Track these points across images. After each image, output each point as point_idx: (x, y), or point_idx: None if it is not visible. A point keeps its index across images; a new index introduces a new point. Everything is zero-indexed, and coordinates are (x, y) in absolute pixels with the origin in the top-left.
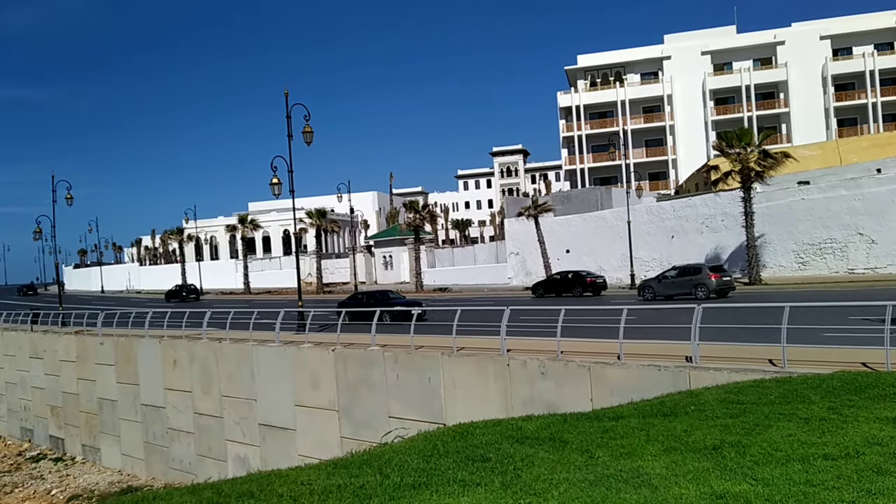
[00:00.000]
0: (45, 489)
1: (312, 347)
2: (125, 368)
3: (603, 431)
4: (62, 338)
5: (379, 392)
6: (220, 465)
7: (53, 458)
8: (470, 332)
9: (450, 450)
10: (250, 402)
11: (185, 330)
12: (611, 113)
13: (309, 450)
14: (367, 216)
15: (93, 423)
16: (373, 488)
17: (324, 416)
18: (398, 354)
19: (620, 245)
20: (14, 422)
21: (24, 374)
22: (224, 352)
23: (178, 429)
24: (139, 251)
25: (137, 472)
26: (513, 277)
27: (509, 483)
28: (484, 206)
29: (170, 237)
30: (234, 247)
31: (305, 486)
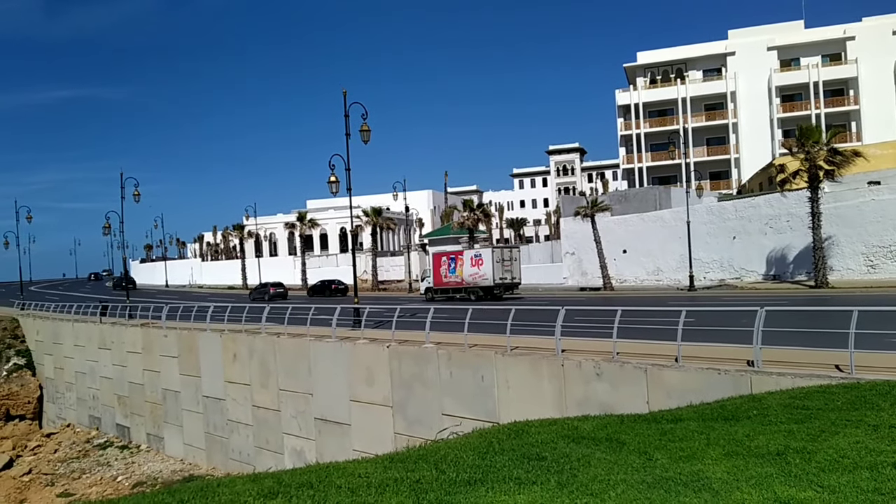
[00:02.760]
0: (112, 476)
1: (368, 344)
2: (188, 360)
3: (661, 434)
4: (129, 330)
5: (432, 389)
6: (277, 457)
7: (120, 445)
8: (524, 331)
9: (505, 448)
10: (307, 396)
11: (244, 324)
12: (671, 111)
13: (363, 444)
14: (422, 214)
15: (157, 413)
16: (429, 483)
17: (378, 411)
18: (452, 352)
19: (679, 246)
20: (83, 410)
21: (94, 364)
22: (282, 346)
23: (237, 421)
24: (201, 247)
25: (199, 462)
26: (568, 277)
27: (565, 482)
28: (539, 205)
29: (231, 234)
30: (293, 244)
31: (363, 479)
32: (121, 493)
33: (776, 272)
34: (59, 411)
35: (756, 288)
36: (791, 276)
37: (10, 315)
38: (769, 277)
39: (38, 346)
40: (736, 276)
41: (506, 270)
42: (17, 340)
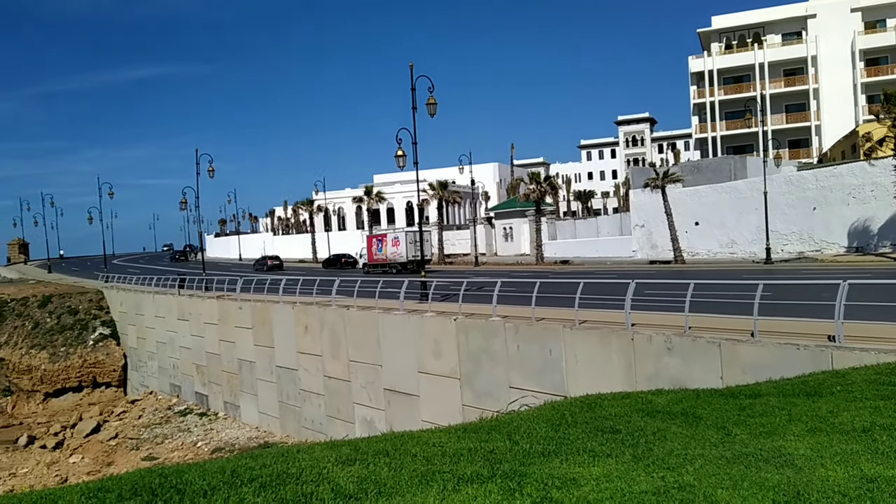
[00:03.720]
0: (192, 441)
1: (435, 316)
2: (262, 332)
3: (740, 409)
4: (205, 302)
5: (500, 362)
6: (347, 426)
7: (199, 413)
8: (592, 305)
9: (578, 420)
10: (376, 367)
11: (315, 297)
12: (747, 77)
13: (431, 415)
14: (488, 188)
15: (233, 382)
16: (503, 453)
17: (446, 383)
18: (519, 325)
19: (755, 217)
20: (164, 378)
21: (173, 334)
22: (352, 319)
23: (309, 390)
24: (273, 221)
25: (273, 430)
26: (637, 250)
27: (641, 456)
28: (608, 177)
29: (301, 208)
30: (360, 218)
31: (437, 448)
32: (200, 457)
33: (859, 244)
34: (143, 379)
35: (837, 260)
36: (875, 248)
37: (96, 287)
38: (851, 250)
39: (121, 317)
40: (816, 248)
41: (417, 250)
42: (102, 311)
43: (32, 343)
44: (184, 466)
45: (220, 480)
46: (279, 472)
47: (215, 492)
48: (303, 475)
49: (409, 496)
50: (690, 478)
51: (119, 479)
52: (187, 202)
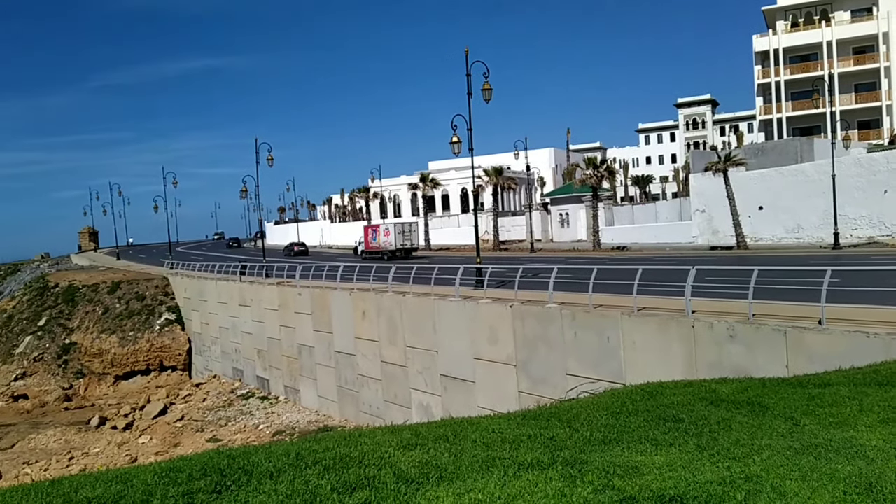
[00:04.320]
0: (254, 424)
1: (491, 303)
2: (320, 317)
3: (808, 399)
4: (266, 288)
5: (556, 349)
6: (404, 411)
7: (260, 396)
8: (651, 292)
9: (639, 408)
10: (432, 353)
11: (372, 283)
12: (814, 55)
13: (487, 402)
14: (544, 173)
15: (293, 367)
16: (563, 441)
17: (502, 370)
18: (576, 312)
19: (822, 201)
20: (227, 363)
21: (235, 320)
22: (408, 305)
23: (367, 375)
24: (330, 209)
25: (332, 414)
26: (697, 236)
27: (705, 445)
28: (666, 161)
29: (357, 195)
30: (416, 204)
31: (497, 434)
32: (262, 440)
33: None
34: (206, 363)
35: None
36: None
37: (161, 274)
38: None
39: (185, 303)
40: (887, 233)
41: (406, 239)
42: (167, 297)
43: (103, 328)
44: (250, 448)
45: (286, 462)
46: (342, 455)
47: (281, 473)
48: (365, 458)
49: (469, 481)
50: (757, 468)
51: (189, 459)
52: (248, 191)
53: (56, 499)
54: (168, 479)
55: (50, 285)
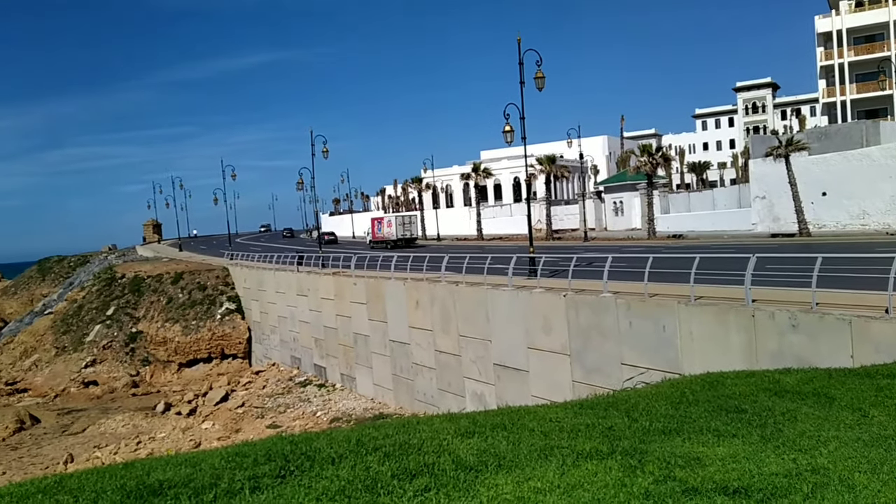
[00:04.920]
0: (312, 411)
1: (544, 292)
2: (375, 307)
3: (877, 389)
4: (322, 278)
5: (611, 338)
6: (458, 399)
7: (317, 384)
8: (709, 280)
9: (699, 398)
10: (485, 342)
11: (425, 273)
12: (881, 35)
13: (541, 391)
14: (597, 161)
15: (349, 355)
16: (621, 430)
17: (555, 359)
18: (631, 301)
19: (890, 186)
20: (286, 351)
21: (293, 309)
22: (461, 294)
23: (421, 364)
24: (383, 199)
25: (387, 401)
26: (757, 223)
27: (769, 437)
28: (724, 147)
29: (409, 186)
30: (468, 194)
31: (555, 423)
32: (320, 426)
33: None
34: (266, 351)
35: None
36: None
37: (222, 265)
38: None
39: (245, 293)
40: None
41: (406, 230)
42: (228, 287)
43: (167, 317)
44: (312, 435)
45: (347, 449)
46: (401, 442)
47: (343, 459)
48: (424, 446)
49: (528, 469)
50: (824, 460)
51: (254, 444)
52: (303, 182)
53: (130, 481)
54: (234, 464)
55: (117, 276)
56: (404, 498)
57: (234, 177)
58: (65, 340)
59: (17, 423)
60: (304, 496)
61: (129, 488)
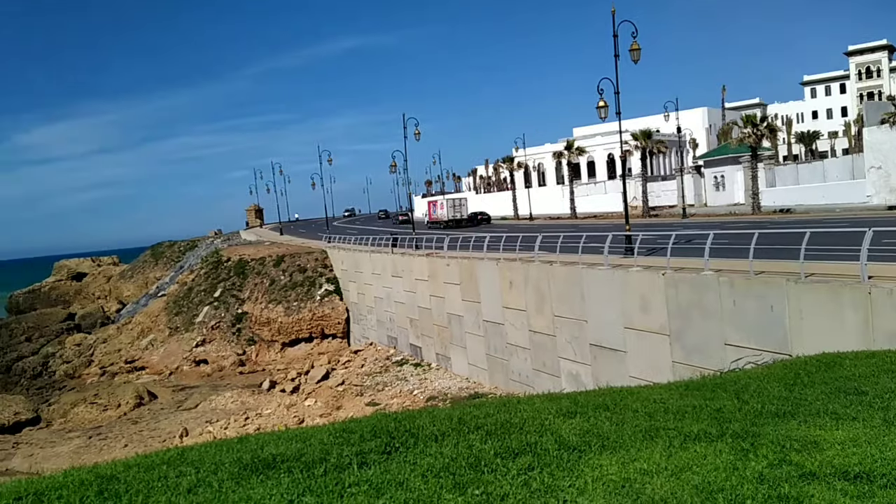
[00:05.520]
0: (409, 389)
1: (641, 271)
2: (468, 287)
3: None
4: (416, 259)
5: (713, 318)
6: (554, 379)
7: (413, 363)
8: (819, 256)
9: (815, 380)
10: (581, 322)
11: (519, 253)
12: None
13: (639, 371)
14: (696, 134)
15: (444, 335)
16: (731, 412)
17: (654, 339)
18: (734, 279)
19: None
20: (382, 331)
21: (389, 290)
22: (555, 274)
23: (515, 344)
24: (475, 180)
25: (482, 381)
26: (872, 195)
27: (893, 420)
28: (835, 115)
29: (501, 166)
30: (560, 173)
31: (659, 404)
32: (417, 405)
33: None
34: (363, 331)
35: None
36: None
37: (320, 247)
38: None
39: (342, 275)
40: None
41: (456, 212)
42: (326, 269)
43: (270, 298)
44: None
45: (449, 427)
46: (503, 421)
47: (445, 437)
48: (525, 425)
49: (633, 451)
50: None
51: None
52: (396, 165)
53: (245, 454)
54: (342, 440)
55: (223, 259)
56: (508, 476)
57: (331, 161)
58: (177, 321)
59: (136, 398)
60: (410, 472)
61: (244, 461)
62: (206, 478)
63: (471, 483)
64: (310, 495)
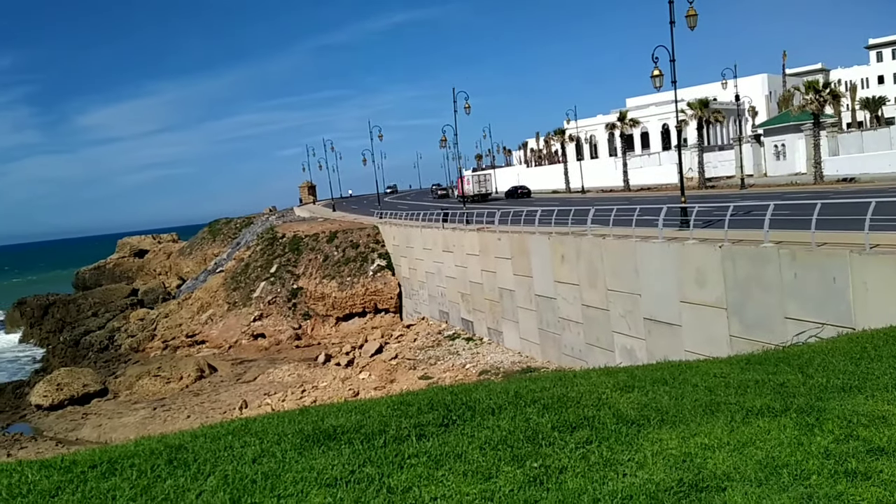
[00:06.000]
0: (461, 363)
1: (697, 244)
2: (520, 262)
3: None
4: (467, 234)
5: (772, 291)
6: (607, 354)
7: (465, 337)
8: (886, 227)
9: (882, 354)
10: (634, 296)
11: (571, 227)
12: None
13: (695, 345)
14: (755, 102)
15: (495, 310)
16: (795, 387)
17: (710, 313)
18: (795, 251)
19: None
20: (434, 305)
21: (440, 265)
22: (608, 247)
23: (567, 318)
24: (525, 153)
25: (534, 355)
26: None
27: None
28: None
29: (552, 138)
30: (613, 145)
31: (720, 379)
32: (469, 379)
33: None
34: (415, 306)
35: None
36: None
37: (372, 223)
38: None
39: (394, 250)
40: None
41: (481, 187)
42: (378, 245)
43: (324, 274)
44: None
45: (505, 400)
46: (559, 395)
47: (502, 410)
48: (583, 399)
49: (693, 425)
50: None
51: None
52: (446, 139)
53: (307, 425)
54: (399, 412)
55: (278, 236)
56: (566, 449)
57: (381, 137)
58: (235, 296)
59: (197, 371)
60: (468, 444)
61: (306, 432)
62: (270, 448)
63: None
64: (370, 466)
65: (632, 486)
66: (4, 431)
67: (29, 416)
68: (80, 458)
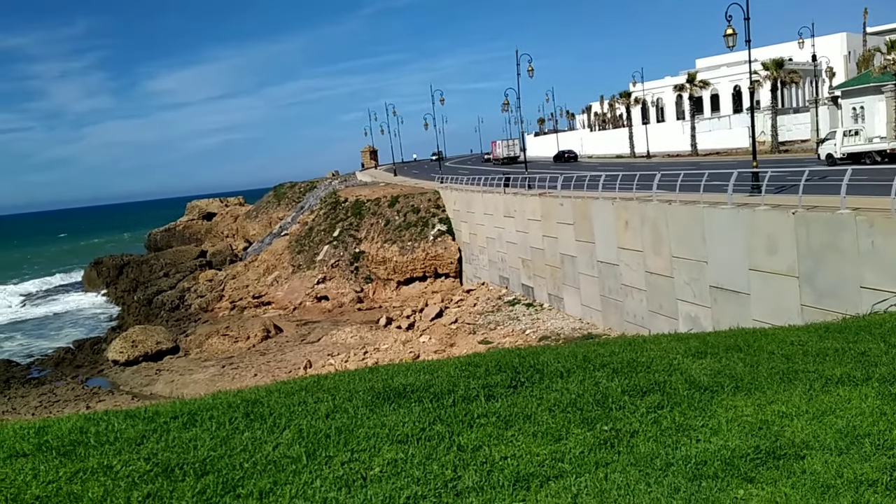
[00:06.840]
0: (521, 329)
1: (769, 210)
2: (582, 227)
3: None
4: (529, 199)
5: (848, 259)
6: (671, 321)
7: (525, 303)
8: None
9: None
10: (700, 263)
11: (635, 192)
12: None
13: (763, 314)
14: (834, 63)
15: (556, 276)
16: (877, 356)
17: (781, 281)
18: (874, 218)
19: None
20: (494, 271)
21: (500, 230)
22: (673, 213)
23: (630, 285)
24: (589, 117)
25: (595, 322)
26: None
27: None
28: None
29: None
30: (681, 108)
31: (797, 346)
32: (529, 343)
33: None
34: (475, 271)
35: None
36: None
37: (433, 188)
38: None
39: (454, 215)
40: None
41: (510, 151)
42: (439, 210)
43: (385, 238)
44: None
45: (574, 364)
46: (629, 359)
47: (571, 374)
48: (653, 364)
49: (769, 393)
50: None
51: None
52: (509, 103)
53: (377, 383)
54: (468, 373)
55: (340, 200)
56: (637, 413)
57: (443, 101)
58: (299, 259)
59: (264, 332)
60: (537, 406)
61: (377, 389)
62: (342, 404)
63: (599, 419)
64: (440, 424)
65: (706, 452)
66: (84, 385)
67: (106, 370)
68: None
